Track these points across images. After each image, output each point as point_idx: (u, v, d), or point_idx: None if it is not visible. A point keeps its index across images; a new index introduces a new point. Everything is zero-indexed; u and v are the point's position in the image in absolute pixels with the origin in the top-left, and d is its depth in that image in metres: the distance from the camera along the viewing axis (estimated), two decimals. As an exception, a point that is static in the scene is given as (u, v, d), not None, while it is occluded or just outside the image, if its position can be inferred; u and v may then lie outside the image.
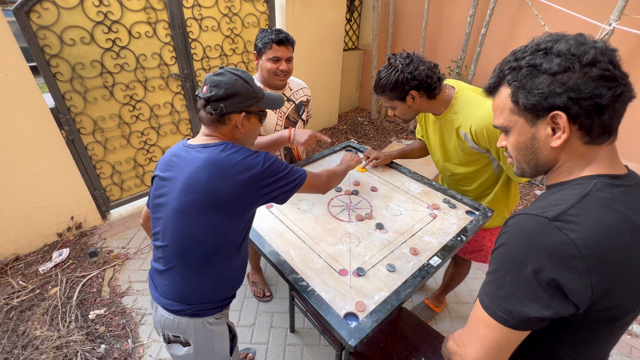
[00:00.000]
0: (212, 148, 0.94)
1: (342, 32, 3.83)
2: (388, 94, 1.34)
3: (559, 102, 0.59)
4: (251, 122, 1.04)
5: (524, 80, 0.63)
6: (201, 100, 0.97)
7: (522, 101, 0.63)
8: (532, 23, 2.98)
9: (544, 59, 0.60)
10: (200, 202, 0.91)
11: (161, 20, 2.38)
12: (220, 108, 0.94)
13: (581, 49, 0.58)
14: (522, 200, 3.06)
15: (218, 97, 0.93)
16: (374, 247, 1.28)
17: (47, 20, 1.97)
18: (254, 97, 0.99)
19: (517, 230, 0.61)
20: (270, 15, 3.01)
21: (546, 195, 0.66)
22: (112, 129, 2.45)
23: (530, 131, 0.65)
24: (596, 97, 0.57)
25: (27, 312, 1.93)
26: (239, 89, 0.95)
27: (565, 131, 0.60)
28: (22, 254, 2.30)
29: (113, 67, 2.28)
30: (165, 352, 1.79)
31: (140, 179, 2.78)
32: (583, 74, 0.57)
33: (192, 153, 0.95)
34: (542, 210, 0.60)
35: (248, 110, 1.00)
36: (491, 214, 1.45)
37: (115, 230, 2.58)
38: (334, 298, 1.08)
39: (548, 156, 0.66)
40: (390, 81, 1.29)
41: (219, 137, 1.00)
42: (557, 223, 0.57)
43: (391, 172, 1.78)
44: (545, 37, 0.64)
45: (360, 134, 4.24)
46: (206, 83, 0.95)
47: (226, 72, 0.96)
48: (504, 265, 0.61)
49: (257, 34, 1.54)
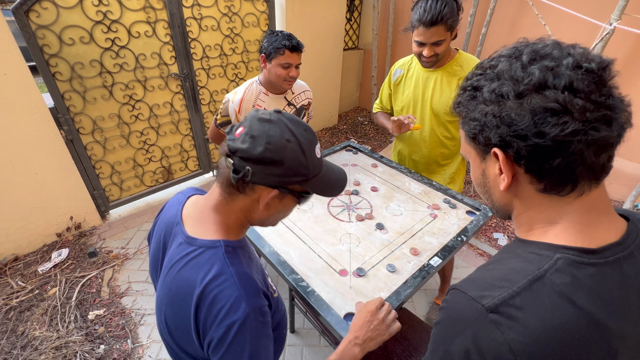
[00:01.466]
0: (195, 260, 0.66)
1: (342, 31, 3.82)
2: (447, 23, 1.29)
3: (493, 137, 0.48)
4: (283, 202, 0.69)
5: (465, 105, 0.52)
6: (225, 143, 0.65)
7: (466, 129, 0.53)
8: (533, 22, 2.97)
9: (487, 81, 0.49)
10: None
11: (160, 19, 2.37)
12: (244, 172, 0.61)
13: (528, 70, 0.45)
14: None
15: (249, 155, 0.60)
16: (374, 248, 1.27)
17: (46, 20, 1.96)
18: (303, 175, 0.65)
19: (452, 311, 0.52)
20: (270, 14, 3.01)
21: (504, 256, 0.55)
22: (112, 128, 2.44)
23: (481, 167, 0.55)
24: (535, 137, 0.44)
25: (26, 313, 1.92)
26: (285, 157, 0.62)
27: (505, 173, 0.50)
28: (21, 254, 2.29)
29: (112, 66, 2.28)
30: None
31: (140, 179, 2.77)
32: (518, 104, 0.45)
33: (176, 249, 0.69)
34: (483, 290, 0.48)
35: (285, 188, 0.66)
36: (491, 214, 1.45)
37: (114, 230, 2.57)
38: (334, 298, 1.07)
39: (501, 200, 0.56)
40: (446, 7, 1.26)
41: (225, 215, 0.70)
42: (493, 316, 0.45)
43: (391, 171, 1.77)
44: (508, 47, 0.51)
45: (361, 134, 4.24)
46: (245, 123, 0.64)
47: (281, 121, 0.63)
48: (437, 351, 0.53)
49: (265, 36, 1.52)
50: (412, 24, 1.37)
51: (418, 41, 1.39)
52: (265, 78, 1.57)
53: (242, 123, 0.65)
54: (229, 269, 0.64)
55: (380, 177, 1.71)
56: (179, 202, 0.78)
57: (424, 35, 1.34)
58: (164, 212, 0.81)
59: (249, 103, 1.58)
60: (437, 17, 1.26)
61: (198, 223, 0.71)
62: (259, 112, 0.66)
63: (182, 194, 0.81)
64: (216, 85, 2.91)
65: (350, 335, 0.85)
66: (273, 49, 1.46)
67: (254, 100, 1.59)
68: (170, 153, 2.85)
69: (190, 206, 0.76)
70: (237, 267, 0.65)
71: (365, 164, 1.84)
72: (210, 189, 0.73)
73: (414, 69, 1.62)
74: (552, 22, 2.76)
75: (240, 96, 1.57)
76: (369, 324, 0.86)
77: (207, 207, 0.71)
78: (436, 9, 1.26)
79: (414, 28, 1.37)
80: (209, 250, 0.66)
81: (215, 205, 0.69)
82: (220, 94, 2.96)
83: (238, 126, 0.65)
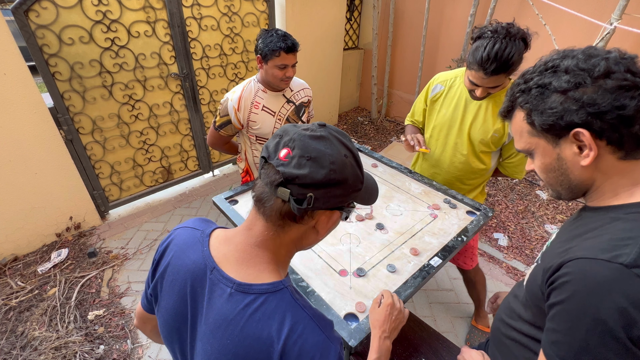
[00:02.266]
0: (261, 312, 0.55)
1: (342, 31, 3.82)
2: (511, 71, 1.15)
3: (576, 119, 0.57)
4: (332, 220, 0.61)
5: (534, 101, 0.61)
6: (270, 169, 0.55)
7: (538, 122, 0.61)
8: (533, 22, 2.96)
9: (552, 78, 0.59)
10: None
11: (160, 19, 2.37)
12: (308, 200, 0.53)
13: (590, 63, 0.56)
14: (524, 200, 3.05)
15: (312, 180, 0.52)
16: (374, 248, 1.27)
17: (46, 20, 1.96)
18: (358, 187, 0.60)
19: (586, 280, 0.53)
20: (270, 14, 3.01)
21: (597, 224, 0.60)
22: (111, 128, 2.44)
23: (555, 152, 0.63)
24: (618, 109, 0.54)
25: (25, 313, 1.92)
26: (348, 175, 0.56)
27: (591, 148, 0.57)
28: (21, 254, 2.29)
29: (112, 66, 2.27)
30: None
31: (140, 179, 2.77)
32: (597, 87, 0.55)
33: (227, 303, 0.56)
34: (610, 252, 0.53)
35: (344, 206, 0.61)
36: (492, 214, 1.44)
37: (114, 230, 2.57)
38: (334, 299, 1.07)
39: (580, 176, 0.62)
40: (515, 55, 1.11)
41: (275, 251, 0.60)
42: (637, 270, 0.50)
43: (391, 171, 1.77)
44: (552, 54, 0.62)
45: (361, 134, 4.23)
46: (289, 144, 0.55)
47: (332, 136, 0.57)
48: (582, 324, 0.53)
49: (260, 35, 1.50)
50: (469, 63, 1.19)
51: (473, 82, 1.25)
52: (264, 79, 1.57)
53: (284, 142, 0.55)
54: (304, 312, 0.56)
55: (380, 177, 1.71)
56: (198, 241, 0.64)
57: (480, 80, 1.21)
58: (177, 255, 0.64)
59: (248, 100, 1.58)
60: (500, 66, 1.11)
61: (243, 265, 0.59)
62: (303, 128, 0.57)
63: (196, 231, 0.66)
64: (216, 85, 2.91)
65: (378, 332, 0.88)
66: (269, 51, 1.45)
67: (252, 97, 1.59)
68: (170, 153, 2.85)
69: (221, 246, 0.62)
70: (308, 309, 0.58)
71: (366, 164, 1.84)
72: (247, 223, 0.61)
73: (457, 88, 1.47)
74: (552, 22, 2.76)
75: (239, 94, 1.57)
76: (391, 316, 0.91)
77: (251, 245, 0.59)
78: (502, 56, 1.09)
79: (470, 67, 1.21)
80: (272, 296, 0.56)
81: (263, 241, 0.59)
82: (220, 94, 2.95)
83: (278, 147, 0.55)
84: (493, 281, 2.23)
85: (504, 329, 0.81)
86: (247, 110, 1.59)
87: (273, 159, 0.55)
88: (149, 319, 0.76)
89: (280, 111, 1.64)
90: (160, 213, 2.76)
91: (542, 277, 0.64)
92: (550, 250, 0.68)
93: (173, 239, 0.67)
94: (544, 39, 2.90)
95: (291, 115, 1.69)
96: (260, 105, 1.60)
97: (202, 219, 0.71)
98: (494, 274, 2.30)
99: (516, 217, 2.84)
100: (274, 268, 0.60)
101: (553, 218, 2.82)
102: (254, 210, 0.59)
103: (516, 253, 2.47)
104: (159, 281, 0.66)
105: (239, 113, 1.58)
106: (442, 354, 1.20)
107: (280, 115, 1.65)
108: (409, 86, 4.24)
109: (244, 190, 1.59)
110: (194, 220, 0.70)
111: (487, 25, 1.16)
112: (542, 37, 2.94)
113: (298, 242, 0.61)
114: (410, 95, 4.23)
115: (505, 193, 3.15)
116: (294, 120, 1.71)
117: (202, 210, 2.82)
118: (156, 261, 0.68)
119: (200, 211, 2.81)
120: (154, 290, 0.67)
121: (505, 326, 0.81)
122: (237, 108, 1.58)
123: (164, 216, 2.74)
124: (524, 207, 2.95)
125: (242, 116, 1.60)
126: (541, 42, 2.98)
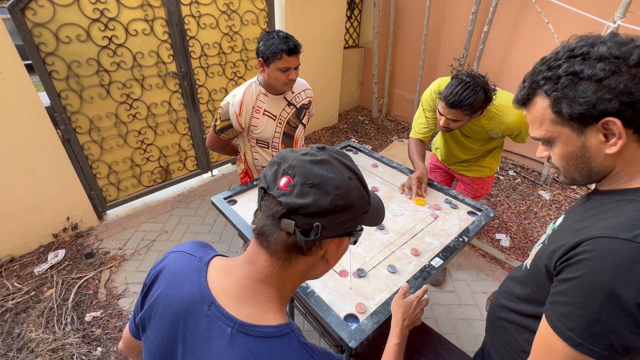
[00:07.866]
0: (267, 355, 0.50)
1: (342, 29, 3.80)
2: (466, 111, 1.37)
3: (610, 107, 0.56)
4: (342, 247, 0.57)
5: (565, 89, 0.59)
6: (271, 200, 0.51)
7: (567, 111, 0.60)
8: (536, 20, 2.94)
9: (584, 65, 0.57)
10: None
11: (158, 17, 2.35)
12: (315, 230, 0.49)
13: (624, 50, 0.55)
14: (526, 200, 3.03)
15: (317, 209, 0.49)
16: (375, 248, 1.25)
17: (43, 18, 1.94)
18: (366, 209, 0.56)
19: (607, 258, 0.55)
20: (269, 12, 2.98)
21: (610, 206, 0.62)
22: (109, 128, 2.42)
23: (579, 140, 0.62)
24: None
25: (22, 315, 1.90)
26: (354, 198, 0.52)
27: (621, 137, 0.58)
28: (17, 255, 2.27)
29: (109, 65, 2.25)
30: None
31: (137, 179, 2.74)
32: (632, 75, 0.55)
33: (227, 346, 0.51)
34: (630, 232, 0.54)
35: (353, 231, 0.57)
36: (493, 214, 1.42)
37: (111, 231, 2.55)
38: (334, 299, 1.05)
39: (602, 163, 0.63)
40: (470, 98, 1.33)
41: (280, 287, 0.56)
42: None
43: (392, 171, 1.75)
44: (576, 41, 0.60)
45: (361, 133, 4.21)
46: (289, 172, 0.51)
47: (333, 158, 0.53)
48: (596, 298, 0.54)
49: (261, 38, 1.45)
50: (440, 93, 1.43)
51: (439, 110, 1.46)
52: (264, 80, 1.53)
53: (284, 171, 0.51)
54: (312, 358, 0.51)
55: (380, 177, 1.69)
56: (194, 270, 0.58)
57: (442, 109, 1.42)
58: (171, 284, 0.59)
59: (249, 105, 1.55)
60: (457, 104, 1.35)
61: (245, 302, 0.53)
62: (302, 153, 0.53)
63: (193, 258, 0.61)
64: (215, 84, 2.88)
65: (401, 320, 0.95)
66: (270, 54, 1.40)
67: (254, 101, 1.55)
68: (168, 153, 2.83)
69: (219, 278, 0.57)
70: (317, 354, 0.52)
71: (366, 164, 1.82)
72: (248, 255, 0.56)
73: None
74: (555, 20, 2.73)
75: (240, 98, 1.54)
76: (415, 309, 0.99)
77: (254, 281, 0.54)
78: (460, 96, 1.33)
79: (439, 97, 1.44)
80: (278, 341, 0.51)
81: (267, 277, 0.54)
82: (218, 93, 2.93)
83: (277, 176, 0.51)
84: (495, 282, 2.21)
85: (503, 313, 0.83)
86: (248, 114, 1.55)
87: (273, 189, 0.51)
88: (136, 345, 0.69)
89: (281, 114, 1.61)
90: (159, 213, 2.74)
91: (550, 256, 0.64)
92: (560, 231, 0.69)
93: (167, 265, 0.62)
94: (547, 37, 2.87)
95: (292, 118, 1.66)
96: (261, 109, 1.56)
97: (200, 243, 0.66)
98: (496, 275, 2.27)
99: (518, 217, 2.82)
100: (278, 308, 0.54)
101: (556, 218, 2.80)
102: (256, 244, 0.55)
103: (518, 254, 2.45)
104: (148, 310, 0.60)
105: (240, 118, 1.55)
106: (444, 355, 1.18)
107: (281, 118, 1.62)
108: (410, 85, 4.21)
109: (242, 190, 1.57)
110: (191, 245, 0.65)
111: (467, 70, 1.42)
112: (544, 35, 2.92)
113: (305, 274, 0.58)
114: (412, 94, 4.21)
115: (508, 193, 3.12)
116: (294, 122, 1.67)
117: (201, 211, 2.80)
118: (147, 286, 0.62)
119: (198, 211, 2.79)
120: (142, 320, 0.61)
121: (504, 309, 0.82)
122: (238, 113, 1.54)
123: (162, 216, 2.72)
124: (526, 208, 2.93)
125: (243, 120, 1.56)
126: (544, 41, 2.96)
